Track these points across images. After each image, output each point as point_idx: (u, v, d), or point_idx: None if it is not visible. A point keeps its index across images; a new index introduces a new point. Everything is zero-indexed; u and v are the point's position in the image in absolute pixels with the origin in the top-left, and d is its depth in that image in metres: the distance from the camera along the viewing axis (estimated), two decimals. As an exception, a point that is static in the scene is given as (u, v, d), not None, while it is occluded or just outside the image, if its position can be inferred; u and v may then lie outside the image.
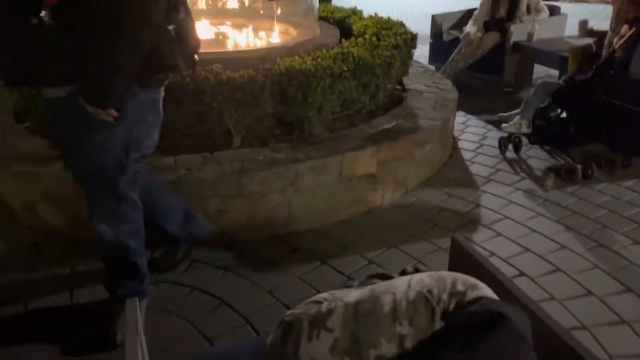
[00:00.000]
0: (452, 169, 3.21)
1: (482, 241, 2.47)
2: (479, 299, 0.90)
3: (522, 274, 2.23)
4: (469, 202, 2.83)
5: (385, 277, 1.11)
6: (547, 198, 2.87)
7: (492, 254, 2.36)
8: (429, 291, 0.91)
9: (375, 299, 0.92)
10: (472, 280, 0.96)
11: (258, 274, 2.23)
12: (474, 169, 3.23)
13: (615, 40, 2.89)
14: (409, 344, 0.87)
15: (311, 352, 0.88)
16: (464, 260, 1.42)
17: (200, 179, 2.34)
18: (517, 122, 3.19)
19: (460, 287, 0.92)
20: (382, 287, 0.96)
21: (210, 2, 3.85)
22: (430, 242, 2.45)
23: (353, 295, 0.95)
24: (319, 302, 0.95)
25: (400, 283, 0.95)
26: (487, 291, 0.95)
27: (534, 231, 2.55)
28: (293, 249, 2.41)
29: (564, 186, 2.99)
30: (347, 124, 2.92)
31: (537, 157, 3.33)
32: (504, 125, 3.29)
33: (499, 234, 2.54)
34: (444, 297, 0.90)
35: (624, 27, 2.84)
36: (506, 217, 2.68)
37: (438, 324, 0.88)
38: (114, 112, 1.57)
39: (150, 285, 1.96)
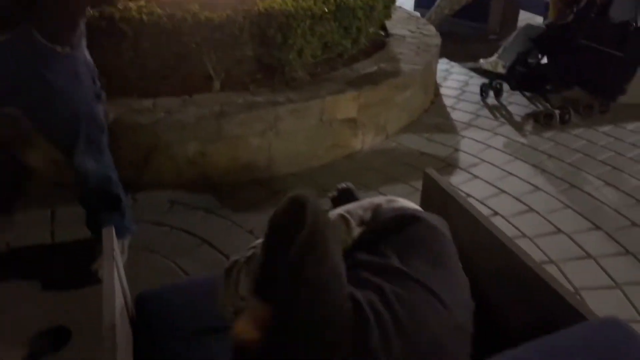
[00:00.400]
0: (434, 115, 3.23)
1: (459, 183, 2.52)
2: (408, 216, 0.97)
3: (495, 213, 2.30)
4: (448, 146, 2.87)
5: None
6: (524, 143, 2.92)
7: (468, 195, 2.41)
8: (347, 210, 1.02)
9: None
10: (393, 197, 1.04)
11: (239, 215, 2.27)
12: (455, 115, 3.25)
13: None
14: None
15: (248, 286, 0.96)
16: (435, 193, 1.46)
17: (180, 121, 2.34)
18: (494, 61, 3.21)
19: (377, 201, 1.00)
20: None
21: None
22: (409, 184, 2.50)
23: None
24: (254, 247, 1.04)
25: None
26: (405, 203, 1.01)
27: (510, 174, 2.61)
28: (273, 192, 2.44)
29: (542, 131, 3.03)
30: (329, 68, 2.90)
31: (518, 104, 3.36)
32: (481, 60, 3.31)
33: (476, 177, 2.59)
34: (360, 212, 1.00)
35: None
36: (484, 161, 2.73)
37: (356, 232, 0.96)
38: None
39: (133, 225, 1.99)
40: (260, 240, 1.05)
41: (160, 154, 2.36)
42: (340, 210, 1.06)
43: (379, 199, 1.09)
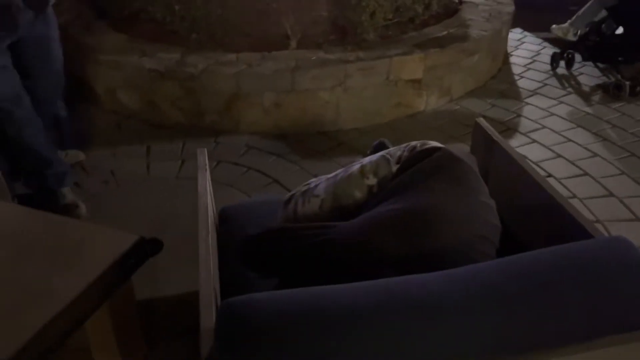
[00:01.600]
0: (500, 82, 3.29)
1: (516, 146, 2.62)
2: (431, 148, 1.14)
3: (549, 175, 2.40)
4: (510, 112, 2.95)
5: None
6: (589, 112, 2.94)
7: (524, 157, 2.51)
8: (388, 152, 1.19)
9: (348, 168, 1.21)
10: (427, 141, 1.20)
11: (305, 161, 2.51)
12: (522, 83, 3.29)
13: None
14: (376, 188, 1.14)
15: (306, 212, 1.19)
16: (482, 140, 1.62)
17: (258, 74, 2.59)
18: (566, 27, 3.20)
19: (413, 144, 1.17)
20: (356, 162, 1.23)
21: None
22: (467, 143, 2.62)
23: (333, 173, 1.23)
24: (308, 184, 1.25)
25: (370, 156, 1.23)
26: (437, 144, 1.18)
27: (570, 140, 2.67)
28: (338, 143, 2.66)
29: (610, 102, 3.02)
30: (399, 32, 3.04)
31: (588, 74, 3.34)
32: (553, 27, 3.31)
33: (535, 141, 2.67)
34: (398, 152, 1.16)
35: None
36: (545, 127, 2.80)
37: (394, 167, 1.14)
38: None
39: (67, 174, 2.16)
40: (314, 179, 1.27)
41: (241, 102, 2.63)
42: (383, 152, 1.23)
43: (415, 142, 1.22)
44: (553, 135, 2.72)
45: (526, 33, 4.01)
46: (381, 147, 1.67)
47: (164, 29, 2.87)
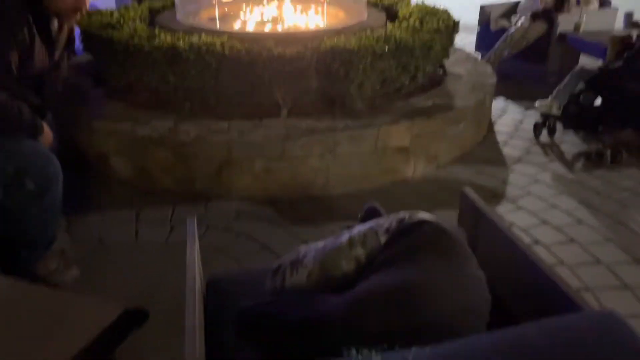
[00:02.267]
0: (485, 149, 3.38)
1: (503, 213, 2.66)
2: (419, 220, 1.16)
3: (537, 242, 2.42)
4: (496, 179, 3.01)
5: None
6: (573, 179, 3.01)
7: (512, 224, 2.55)
8: (376, 223, 1.21)
9: (336, 237, 1.22)
10: (416, 211, 1.23)
11: (296, 227, 2.52)
12: (507, 150, 3.38)
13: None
14: (363, 260, 1.15)
15: (294, 283, 1.20)
16: (469, 211, 1.65)
17: (250, 141, 2.65)
18: (549, 103, 3.33)
19: (402, 215, 1.20)
20: (344, 232, 1.25)
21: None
22: (454, 209, 2.65)
23: (321, 242, 1.25)
24: (297, 252, 1.26)
25: (359, 226, 1.25)
26: (426, 215, 1.20)
27: (555, 207, 2.72)
28: (328, 209, 2.69)
29: (592, 169, 3.11)
30: (387, 102, 3.15)
31: (570, 143, 3.45)
32: (537, 103, 3.45)
33: (521, 208, 2.72)
34: (387, 224, 1.19)
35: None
36: (530, 193, 2.85)
37: (383, 239, 1.16)
38: None
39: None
40: (300, 247, 1.28)
41: (232, 168, 2.67)
42: (371, 223, 1.26)
43: (403, 213, 1.24)
44: (539, 202, 2.76)
45: (509, 102, 4.17)
46: (372, 211, 1.69)
47: (158, 98, 2.95)
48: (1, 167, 1.87)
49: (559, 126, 3.47)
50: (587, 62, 4.70)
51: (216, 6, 3.58)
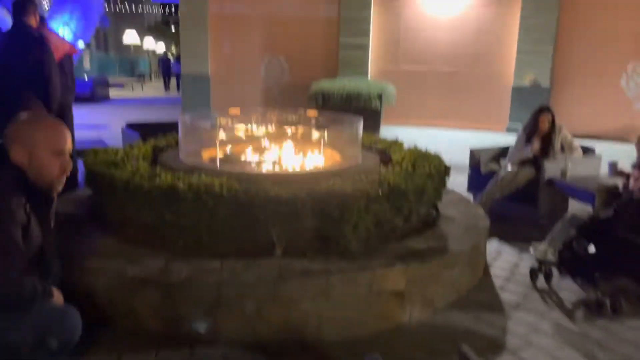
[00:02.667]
0: (482, 294, 3.31)
1: (505, 366, 2.52)
2: None
3: (543, 401, 2.26)
4: (495, 326, 2.91)
5: None
6: (575, 330, 2.91)
7: (515, 379, 2.40)
8: None
9: None
10: None
11: (285, 377, 2.36)
12: (504, 295, 3.31)
13: (632, 182, 3.09)
14: None
15: None
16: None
17: (242, 282, 2.59)
18: (543, 249, 3.33)
19: None
20: None
21: (266, 128, 4.39)
22: (452, 359, 2.52)
23: None
24: None
25: None
26: None
27: (559, 360, 2.58)
28: (319, 357, 2.54)
29: (594, 319, 3.02)
30: (381, 242, 3.15)
31: (568, 289, 3.39)
32: (531, 249, 3.45)
33: (524, 361, 2.58)
34: None
35: (635, 171, 3.05)
36: (532, 345, 2.73)
37: None
38: None
39: None
40: None
41: (221, 310, 2.58)
42: None
43: None
44: (541, 355, 2.63)
45: (503, 244, 4.18)
46: None
47: (152, 234, 2.94)
48: (25, 335, 1.90)
49: (555, 272, 3.44)
50: (578, 205, 4.84)
51: (217, 146, 3.74)
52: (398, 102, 11.24)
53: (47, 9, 16.60)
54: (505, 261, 3.87)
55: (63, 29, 15.88)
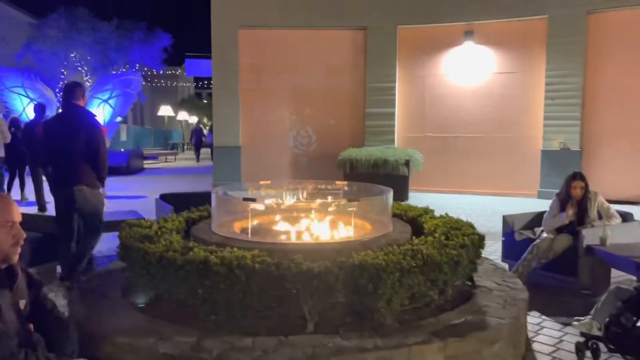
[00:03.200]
0: (526, 372, 3.13)
1: None
2: None
3: None
4: (544, 410, 2.72)
5: None
6: (631, 413, 2.69)
7: None
8: None
9: None
10: None
11: None
12: (550, 374, 3.13)
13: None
14: None
15: None
16: None
17: (274, 361, 2.52)
18: (588, 323, 3.16)
19: None
20: None
21: (297, 199, 4.42)
22: None
23: None
24: None
25: None
26: None
27: None
28: None
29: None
30: (416, 317, 3.05)
31: (618, 366, 3.18)
32: (575, 322, 3.27)
33: None
34: None
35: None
36: None
37: None
38: None
39: None
40: None
41: (252, 391, 2.49)
42: None
43: None
44: None
45: (544, 317, 4.00)
46: None
47: (185, 310, 2.93)
48: None
49: (602, 347, 3.24)
50: (620, 274, 4.62)
51: (249, 218, 3.77)
52: (425, 168, 11.28)
53: (89, 86, 17.61)
54: (548, 336, 3.68)
55: (103, 106, 16.75)
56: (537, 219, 5.22)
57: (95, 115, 5.06)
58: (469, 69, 11.94)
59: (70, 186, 4.61)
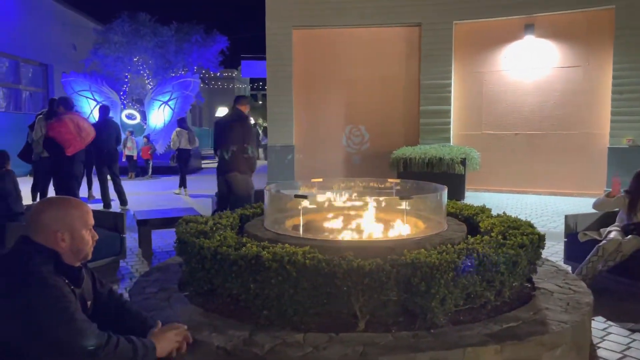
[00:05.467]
0: (590, 380, 2.97)
1: None
2: None
3: None
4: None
5: None
6: None
7: None
8: None
9: None
10: None
11: None
12: (617, 383, 2.95)
13: None
14: None
15: None
16: None
17: (325, 357, 2.51)
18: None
19: None
20: None
21: (349, 196, 4.41)
22: None
23: None
24: None
25: None
26: None
27: None
28: None
29: None
30: (471, 318, 2.96)
31: (694, 377, 2.96)
32: None
33: None
34: None
35: None
36: None
37: None
38: None
39: None
40: None
41: (303, 387, 2.49)
42: None
43: None
44: None
45: (610, 323, 3.78)
46: None
47: (237, 305, 2.98)
48: None
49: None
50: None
51: (301, 215, 3.79)
52: (482, 166, 10.97)
53: (150, 89, 18.33)
54: (615, 342, 3.47)
55: (163, 108, 17.37)
56: (603, 219, 4.95)
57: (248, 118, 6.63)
58: (529, 64, 11.50)
59: (227, 173, 6.31)
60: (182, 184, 11.84)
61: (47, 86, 19.83)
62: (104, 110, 9.79)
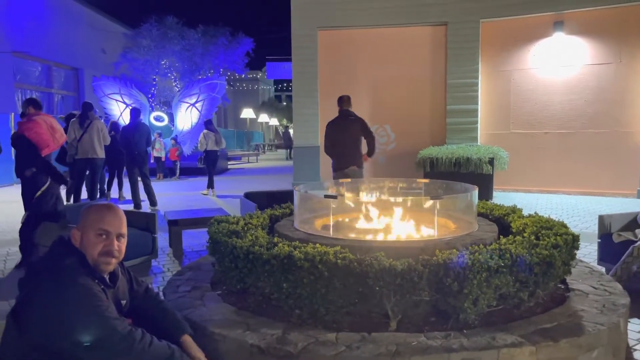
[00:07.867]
0: (627, 383, 2.90)
1: None
2: None
3: None
4: None
5: None
6: None
7: None
8: None
9: None
10: None
11: None
12: (656, 386, 2.88)
13: None
14: None
15: None
16: None
17: (358, 356, 2.52)
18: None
19: None
20: None
21: (378, 196, 4.41)
22: None
23: None
24: None
25: None
26: None
27: None
28: None
29: None
30: (504, 319, 2.93)
31: None
32: None
33: None
34: None
35: None
36: None
37: None
38: None
39: None
40: None
41: (336, 385, 2.51)
42: None
43: None
44: None
45: (647, 325, 3.69)
46: None
47: (270, 303, 3.01)
48: None
49: None
50: None
51: (331, 215, 3.81)
52: (510, 166, 10.82)
53: (177, 91, 18.60)
54: (652, 345, 3.39)
55: (190, 109, 17.60)
56: (637, 220, 4.83)
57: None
58: (558, 62, 11.30)
59: (347, 166, 7.00)
60: (210, 184, 12.01)
61: (78, 90, 20.35)
62: (135, 112, 9.99)
